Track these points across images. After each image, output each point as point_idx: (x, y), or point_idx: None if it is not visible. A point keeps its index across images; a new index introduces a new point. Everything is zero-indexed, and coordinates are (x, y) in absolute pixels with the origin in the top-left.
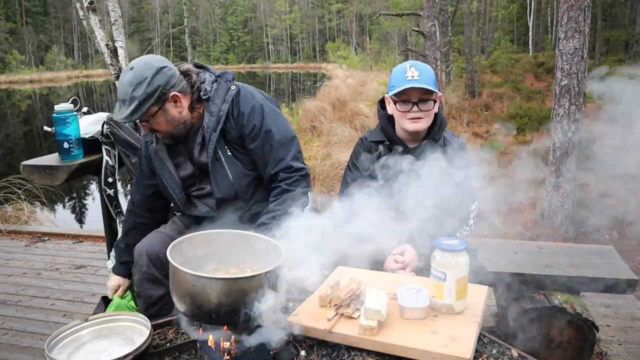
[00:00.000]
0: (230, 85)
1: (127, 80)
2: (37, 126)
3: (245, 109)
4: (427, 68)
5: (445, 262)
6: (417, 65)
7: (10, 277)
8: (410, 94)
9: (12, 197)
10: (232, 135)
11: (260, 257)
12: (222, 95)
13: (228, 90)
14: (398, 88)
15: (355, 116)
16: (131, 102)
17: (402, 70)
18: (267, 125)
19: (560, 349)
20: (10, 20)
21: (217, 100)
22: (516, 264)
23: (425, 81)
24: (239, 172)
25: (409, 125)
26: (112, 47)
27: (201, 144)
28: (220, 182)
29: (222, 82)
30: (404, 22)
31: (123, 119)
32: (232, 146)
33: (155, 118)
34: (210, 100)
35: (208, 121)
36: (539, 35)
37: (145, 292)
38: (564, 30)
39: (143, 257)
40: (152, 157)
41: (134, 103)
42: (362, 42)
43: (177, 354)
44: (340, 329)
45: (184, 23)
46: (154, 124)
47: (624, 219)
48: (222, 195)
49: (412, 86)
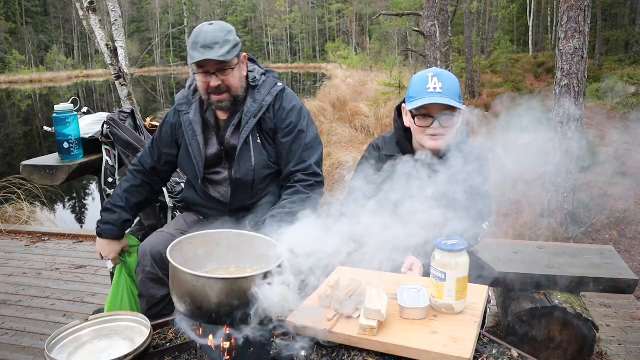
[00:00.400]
0: (277, 82)
1: (217, 28)
2: (37, 126)
3: (287, 105)
4: (451, 78)
5: (445, 262)
6: (441, 75)
7: (10, 277)
8: (431, 107)
9: (12, 197)
10: (267, 125)
11: (260, 257)
12: (268, 88)
13: (275, 85)
14: (418, 101)
15: (355, 116)
16: (225, 44)
17: (423, 80)
18: (302, 125)
19: (560, 349)
20: (10, 20)
21: (263, 90)
22: (516, 264)
23: (449, 94)
24: (262, 161)
25: (428, 143)
26: (112, 47)
27: (236, 126)
28: (243, 164)
29: (270, 77)
30: (404, 22)
31: (219, 57)
32: (264, 136)
33: (233, 71)
34: (256, 89)
35: (250, 106)
36: (539, 35)
37: (148, 292)
38: (564, 30)
39: (147, 257)
40: (184, 127)
41: (229, 45)
42: (362, 42)
43: (177, 354)
44: (340, 329)
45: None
46: (230, 76)
47: (624, 219)
48: (241, 176)
49: (433, 102)
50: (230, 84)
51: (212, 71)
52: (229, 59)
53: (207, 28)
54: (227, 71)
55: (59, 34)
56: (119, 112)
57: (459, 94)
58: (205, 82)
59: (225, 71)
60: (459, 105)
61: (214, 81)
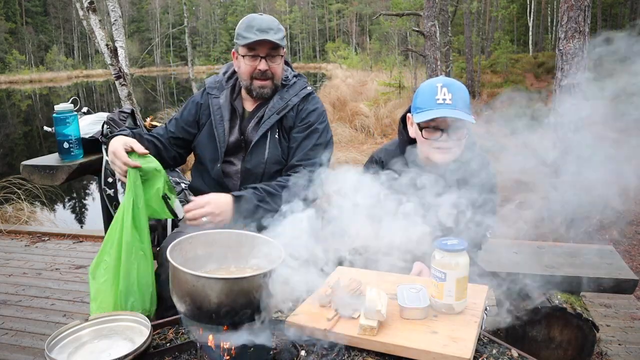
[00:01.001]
0: (306, 86)
1: (269, 18)
2: (37, 126)
3: (310, 107)
4: (461, 88)
5: (445, 262)
6: (451, 86)
7: (10, 277)
8: (441, 120)
9: (12, 197)
10: (287, 123)
11: (260, 257)
12: (297, 90)
13: (303, 88)
14: (425, 114)
15: (355, 116)
16: (278, 31)
17: (432, 90)
18: (318, 126)
19: (560, 349)
20: (10, 20)
21: (292, 91)
22: (516, 264)
23: (459, 106)
24: (275, 156)
25: (435, 156)
26: (112, 47)
27: (259, 119)
28: (255, 156)
29: (300, 80)
30: (404, 22)
31: (276, 39)
32: (283, 132)
33: (281, 59)
34: (285, 88)
35: (276, 102)
36: (539, 35)
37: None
38: (564, 30)
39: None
40: (212, 110)
41: (282, 32)
42: (362, 42)
43: (177, 354)
44: (340, 329)
45: (184, 23)
46: (277, 64)
47: (624, 219)
48: (251, 167)
49: (443, 116)
50: (275, 72)
51: (262, 55)
52: (283, 44)
53: (260, 16)
54: (275, 58)
55: (59, 34)
56: (119, 112)
57: (469, 105)
58: (252, 65)
59: (274, 57)
60: (469, 119)
61: (262, 65)
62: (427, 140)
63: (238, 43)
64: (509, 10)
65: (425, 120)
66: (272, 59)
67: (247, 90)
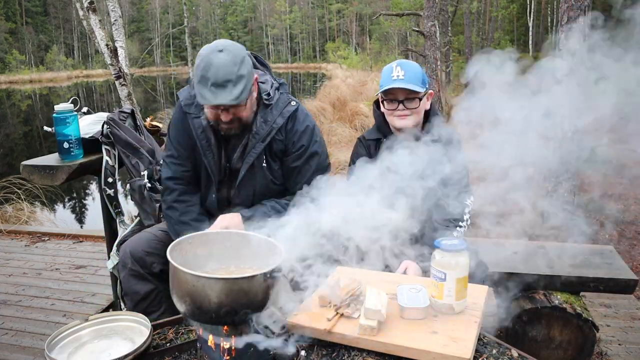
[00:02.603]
0: (290, 100)
1: (229, 60)
2: (37, 126)
3: (299, 127)
4: (413, 67)
5: (445, 262)
6: (404, 65)
7: (10, 277)
8: (396, 92)
9: (12, 197)
10: (277, 147)
11: (260, 257)
12: (281, 108)
13: (287, 104)
14: (384, 87)
15: (355, 116)
16: (238, 81)
17: (389, 69)
18: (314, 147)
19: (560, 349)
20: (10, 20)
21: (275, 111)
22: (516, 264)
23: (410, 80)
24: (265, 186)
25: (396, 122)
26: (112, 47)
27: (244, 147)
28: (243, 189)
29: (283, 94)
30: (404, 22)
31: (232, 101)
32: (272, 157)
33: (246, 105)
34: (269, 108)
35: (259, 127)
36: (539, 35)
37: (132, 288)
38: (564, 30)
39: (127, 256)
40: (195, 133)
41: (242, 81)
42: (362, 42)
43: (177, 354)
44: (340, 329)
45: (184, 23)
46: (242, 111)
47: (624, 219)
48: (240, 201)
49: (396, 86)
50: (242, 116)
51: (222, 108)
52: (243, 101)
53: (217, 60)
54: (239, 107)
55: (59, 34)
56: (119, 112)
57: (422, 80)
58: (214, 113)
59: (238, 107)
60: (418, 89)
61: (224, 116)
62: (389, 110)
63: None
64: (509, 10)
65: (383, 91)
66: (236, 107)
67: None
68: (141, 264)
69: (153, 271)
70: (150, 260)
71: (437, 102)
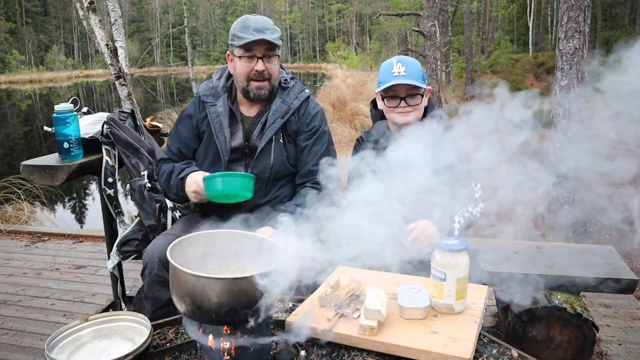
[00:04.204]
0: (304, 88)
1: (264, 18)
2: (37, 126)
3: (312, 110)
4: (414, 63)
5: (445, 262)
6: (404, 61)
7: (10, 277)
8: (398, 89)
9: (12, 197)
10: (291, 127)
11: (260, 257)
12: (296, 92)
13: (302, 91)
14: (385, 84)
15: (355, 116)
16: (274, 31)
17: (389, 66)
18: (324, 128)
19: (560, 349)
20: (10, 20)
21: (292, 94)
22: (516, 264)
23: (412, 76)
24: (281, 161)
25: (397, 118)
26: (112, 47)
27: (263, 124)
28: (261, 161)
29: (298, 82)
30: (404, 22)
31: (273, 39)
32: (287, 136)
33: (276, 60)
34: (286, 91)
35: (278, 106)
36: (539, 35)
37: (154, 294)
38: (564, 30)
39: (154, 260)
40: (210, 118)
41: (278, 32)
42: (362, 42)
43: (177, 354)
44: (340, 329)
45: (184, 23)
46: (274, 64)
47: (624, 219)
48: (257, 172)
49: (398, 82)
50: (272, 72)
51: (258, 55)
52: (279, 44)
53: (254, 16)
54: (272, 58)
55: (59, 34)
56: (119, 112)
57: (422, 76)
58: (249, 66)
59: (270, 58)
60: (421, 85)
61: (259, 65)
62: (390, 107)
63: (233, 44)
64: (509, 10)
65: (384, 89)
66: (268, 59)
67: (243, 93)
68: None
69: None
70: None
71: (437, 102)
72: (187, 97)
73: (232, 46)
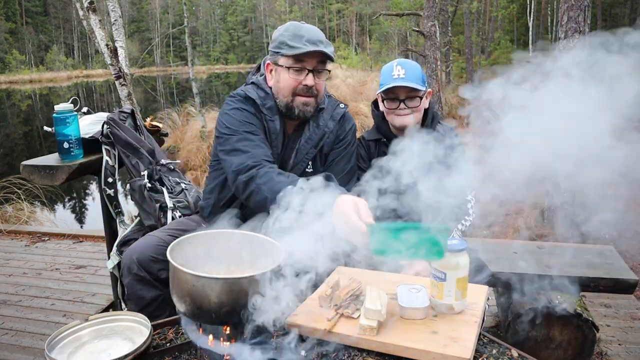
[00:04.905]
0: (339, 103)
1: (316, 29)
2: (37, 126)
3: (347, 126)
4: (414, 66)
5: (445, 262)
6: (404, 64)
7: (10, 277)
8: (398, 91)
9: (12, 197)
10: (325, 149)
11: (260, 257)
12: (330, 111)
13: (337, 107)
14: (385, 86)
15: (355, 116)
16: (328, 45)
17: (390, 68)
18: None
19: (560, 349)
20: (10, 20)
21: (326, 114)
22: (516, 264)
23: (411, 79)
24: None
25: (396, 120)
26: (112, 47)
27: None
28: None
29: (332, 97)
30: (404, 22)
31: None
32: (319, 160)
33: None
34: (321, 112)
35: (312, 133)
36: (539, 35)
37: (137, 294)
38: (564, 30)
39: (133, 260)
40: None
41: (332, 46)
42: (362, 42)
43: (177, 354)
44: (340, 329)
45: (184, 23)
46: (322, 80)
47: (624, 219)
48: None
49: (397, 85)
50: (320, 89)
51: (309, 68)
52: (334, 58)
53: (306, 25)
54: (322, 73)
55: (59, 34)
56: (119, 112)
57: (422, 79)
58: (297, 79)
59: (320, 73)
60: (420, 87)
61: (309, 79)
62: (390, 109)
63: (282, 53)
64: (509, 10)
65: (384, 90)
66: (318, 74)
67: (286, 109)
68: (147, 270)
69: (159, 277)
70: (157, 267)
71: (437, 102)
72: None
73: (276, 54)
